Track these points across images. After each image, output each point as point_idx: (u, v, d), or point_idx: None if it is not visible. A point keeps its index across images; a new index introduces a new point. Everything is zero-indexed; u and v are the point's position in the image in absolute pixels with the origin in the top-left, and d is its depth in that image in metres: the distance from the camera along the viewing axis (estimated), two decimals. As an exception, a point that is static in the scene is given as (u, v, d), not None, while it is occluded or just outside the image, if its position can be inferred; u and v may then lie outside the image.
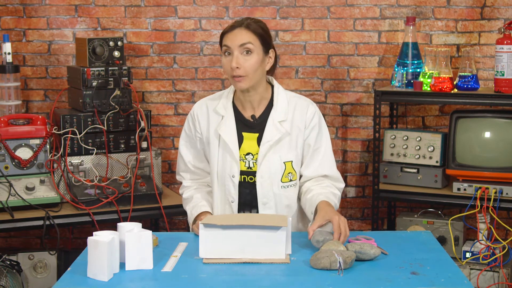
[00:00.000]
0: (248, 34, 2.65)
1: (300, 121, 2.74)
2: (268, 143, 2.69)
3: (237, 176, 2.70)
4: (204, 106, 2.80)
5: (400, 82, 3.88)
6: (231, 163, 2.71)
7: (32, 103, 4.12)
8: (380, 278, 2.19)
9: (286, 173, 2.72)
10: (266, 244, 2.33)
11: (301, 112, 2.74)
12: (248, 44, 2.63)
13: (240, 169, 2.70)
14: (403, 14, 4.11)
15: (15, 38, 4.05)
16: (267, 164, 2.69)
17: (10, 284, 3.37)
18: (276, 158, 2.70)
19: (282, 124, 2.71)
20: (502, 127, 3.76)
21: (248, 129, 2.73)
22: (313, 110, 2.76)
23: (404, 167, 3.92)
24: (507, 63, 3.62)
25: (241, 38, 2.64)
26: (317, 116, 2.76)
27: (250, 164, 2.71)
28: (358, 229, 4.29)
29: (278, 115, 2.72)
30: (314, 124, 2.75)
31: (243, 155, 2.71)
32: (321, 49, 4.17)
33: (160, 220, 4.00)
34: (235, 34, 2.65)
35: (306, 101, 2.79)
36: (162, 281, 2.19)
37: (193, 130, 2.81)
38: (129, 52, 4.11)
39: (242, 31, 2.65)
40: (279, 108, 2.73)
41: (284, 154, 2.71)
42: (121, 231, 2.30)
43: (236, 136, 2.72)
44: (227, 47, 2.65)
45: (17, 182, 3.48)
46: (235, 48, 2.63)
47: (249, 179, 2.71)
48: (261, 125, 2.72)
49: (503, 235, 3.99)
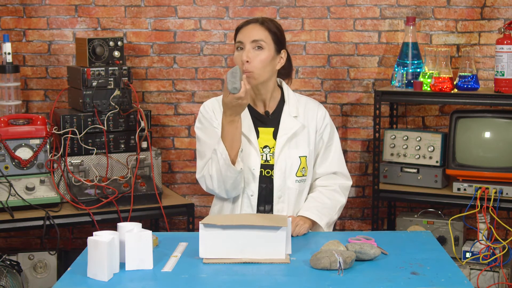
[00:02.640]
0: (262, 30, 2.70)
1: (312, 120, 2.82)
2: (285, 135, 2.75)
3: (257, 169, 2.73)
4: (216, 103, 2.82)
5: (400, 82, 3.88)
6: (251, 156, 2.73)
7: (32, 103, 4.12)
8: (380, 278, 2.19)
9: (301, 167, 2.77)
10: (266, 244, 2.33)
11: (312, 112, 2.84)
12: (260, 41, 2.68)
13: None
14: (403, 14, 4.11)
15: (15, 38, 4.05)
16: (284, 157, 2.75)
17: (10, 284, 3.37)
18: (293, 152, 2.76)
19: (297, 119, 2.78)
20: (502, 127, 3.76)
21: (263, 124, 2.78)
22: (323, 110, 2.88)
23: (404, 167, 3.92)
24: (507, 63, 3.62)
25: (254, 34, 2.69)
26: (328, 116, 2.88)
27: (267, 157, 2.75)
28: (358, 229, 4.29)
29: (291, 110, 2.79)
30: (326, 122, 2.85)
31: (260, 148, 2.74)
32: (321, 49, 4.16)
33: (160, 220, 4.00)
34: (249, 29, 2.70)
35: (316, 102, 2.90)
36: (162, 281, 2.19)
37: (208, 122, 2.77)
38: (129, 52, 4.11)
39: (256, 27, 2.71)
40: (291, 104, 2.80)
41: (299, 148, 2.77)
42: (121, 231, 2.30)
43: (254, 130, 2.74)
44: (240, 42, 2.70)
45: (17, 182, 3.48)
46: (247, 42, 2.68)
47: (266, 172, 2.74)
48: (275, 120, 2.78)
49: (503, 235, 3.99)
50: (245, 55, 2.66)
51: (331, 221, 2.81)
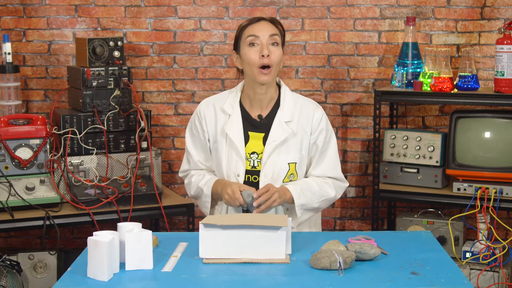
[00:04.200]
0: (274, 27, 2.72)
1: (307, 123, 2.76)
2: (273, 143, 2.70)
3: (242, 175, 2.71)
4: (211, 105, 2.81)
5: (400, 82, 3.88)
6: (237, 162, 2.72)
7: (32, 103, 4.12)
8: (380, 278, 2.19)
9: (289, 173, 2.73)
10: (266, 244, 2.33)
11: (308, 115, 2.77)
12: (275, 36, 2.69)
13: (245, 168, 2.71)
14: (403, 14, 4.11)
15: (15, 38, 4.05)
16: (271, 164, 2.70)
17: (10, 284, 3.36)
18: (281, 158, 2.71)
19: (288, 124, 2.73)
20: (502, 127, 3.76)
21: (254, 128, 2.75)
22: (320, 113, 2.79)
23: (404, 167, 3.92)
24: (507, 63, 3.62)
25: (270, 29, 2.69)
26: (325, 119, 2.80)
27: (255, 163, 2.72)
28: (358, 229, 4.29)
29: (284, 116, 2.74)
30: (322, 127, 2.78)
31: (248, 154, 2.72)
32: (321, 49, 4.17)
33: (160, 220, 4.00)
34: (263, 24, 2.70)
35: (313, 104, 2.82)
36: (162, 281, 2.19)
37: (200, 130, 2.81)
38: (129, 52, 4.11)
39: (268, 23, 2.71)
40: (285, 108, 2.75)
41: (289, 155, 2.72)
42: (121, 231, 2.30)
43: (243, 135, 2.73)
44: (254, 36, 2.67)
45: (17, 182, 3.48)
46: (265, 37, 2.66)
47: (253, 178, 2.72)
48: (267, 125, 2.73)
49: (503, 235, 3.99)
50: (266, 49, 2.65)
51: (309, 207, 2.72)
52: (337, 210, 4.28)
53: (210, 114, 2.79)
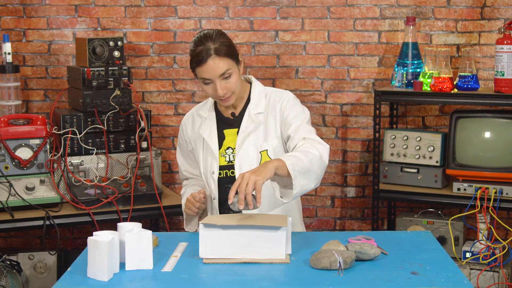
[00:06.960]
0: (222, 61, 2.60)
1: (275, 109, 2.75)
2: (242, 134, 2.74)
3: (216, 172, 2.75)
4: (190, 114, 2.89)
5: (400, 82, 3.88)
6: (211, 160, 2.76)
7: (32, 103, 4.12)
8: (380, 278, 2.19)
9: (262, 162, 2.71)
10: (266, 244, 2.33)
11: (275, 100, 2.76)
12: (227, 71, 2.61)
13: (221, 164, 2.75)
14: (403, 14, 4.11)
15: (15, 38, 4.05)
16: (243, 154, 2.74)
17: (10, 284, 3.37)
18: (252, 147, 2.73)
19: (257, 116, 2.75)
20: (502, 127, 3.76)
21: (229, 126, 2.79)
22: (287, 96, 2.76)
23: (404, 167, 3.92)
24: (507, 63, 3.62)
25: (219, 69, 2.60)
26: (292, 98, 2.76)
27: (230, 157, 2.76)
28: (358, 229, 4.29)
29: (253, 108, 2.77)
30: (290, 104, 2.73)
31: (223, 151, 2.76)
32: (321, 49, 4.16)
33: (160, 220, 4.00)
34: (210, 66, 2.59)
35: (282, 91, 2.81)
36: (162, 281, 2.19)
37: (183, 139, 2.90)
38: (129, 52, 4.11)
39: (215, 61, 2.59)
40: (254, 102, 2.78)
41: (259, 143, 2.74)
42: (121, 231, 2.30)
43: (216, 134, 2.77)
44: (206, 79, 2.62)
45: (17, 182, 3.48)
46: (216, 78, 2.61)
47: (230, 173, 2.75)
48: (239, 121, 2.78)
49: (503, 235, 3.99)
50: (220, 90, 2.61)
51: (299, 166, 2.45)
52: (337, 210, 4.28)
53: (189, 122, 2.87)
